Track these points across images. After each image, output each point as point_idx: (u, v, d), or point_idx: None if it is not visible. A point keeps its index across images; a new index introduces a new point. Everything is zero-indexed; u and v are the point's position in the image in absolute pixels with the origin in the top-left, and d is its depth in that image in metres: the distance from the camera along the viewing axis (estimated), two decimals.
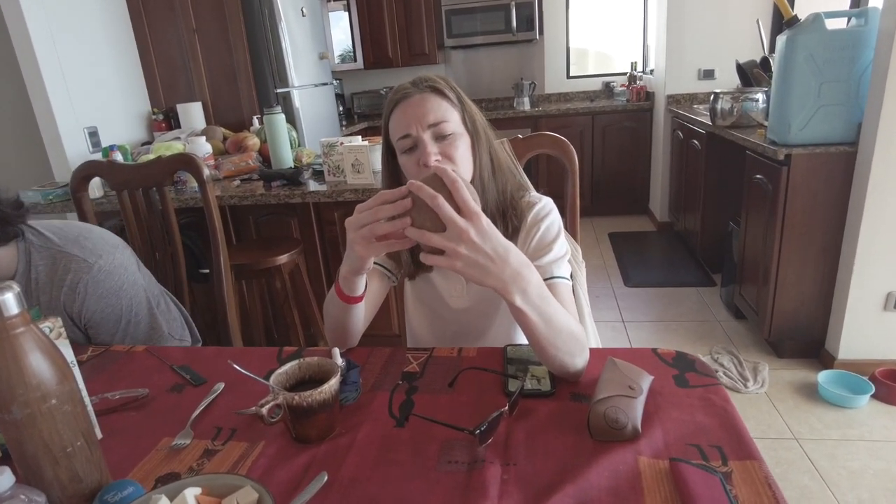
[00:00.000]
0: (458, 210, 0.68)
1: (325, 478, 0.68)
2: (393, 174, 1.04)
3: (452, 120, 0.95)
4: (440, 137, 0.95)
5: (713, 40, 3.85)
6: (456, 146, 0.95)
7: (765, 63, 2.89)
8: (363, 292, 0.93)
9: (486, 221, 0.69)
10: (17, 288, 0.59)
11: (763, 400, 2.15)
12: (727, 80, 3.72)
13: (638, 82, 4.60)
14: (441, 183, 0.69)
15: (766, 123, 2.47)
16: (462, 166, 0.96)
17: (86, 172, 1.57)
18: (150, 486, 0.71)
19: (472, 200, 0.69)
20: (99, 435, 0.81)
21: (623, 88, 4.71)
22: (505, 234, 1.02)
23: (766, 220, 2.34)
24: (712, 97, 2.92)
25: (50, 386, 0.61)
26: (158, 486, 0.66)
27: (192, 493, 0.60)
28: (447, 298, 1.13)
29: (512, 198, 1.05)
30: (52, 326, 0.77)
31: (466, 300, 1.11)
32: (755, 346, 2.55)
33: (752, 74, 2.92)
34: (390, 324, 2.44)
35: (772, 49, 3.14)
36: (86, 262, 1.16)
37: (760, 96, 2.75)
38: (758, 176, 2.41)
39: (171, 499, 0.59)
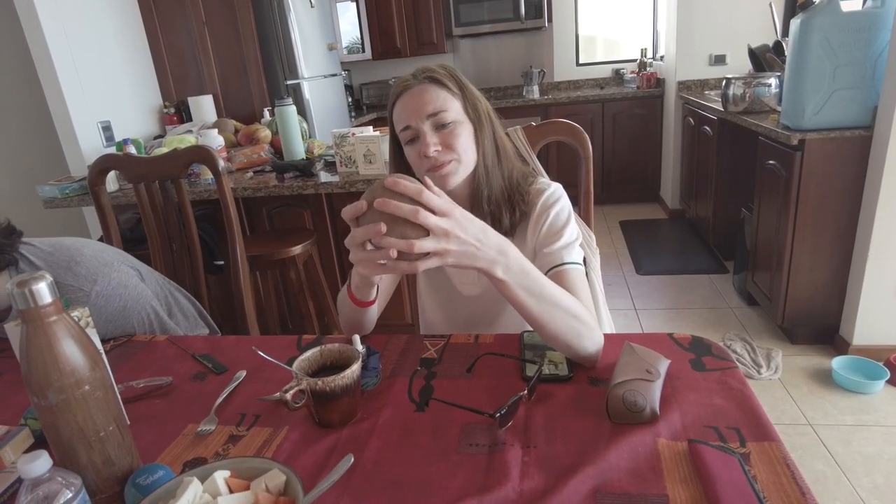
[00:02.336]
0: (432, 212, 0.69)
1: (352, 459, 0.69)
2: (400, 167, 1.05)
3: (452, 109, 0.96)
4: (440, 127, 0.95)
5: (724, 25, 3.80)
6: (456, 135, 0.96)
7: (777, 47, 2.85)
8: (374, 297, 0.96)
9: (459, 211, 0.71)
10: (49, 277, 0.61)
11: (777, 386, 2.15)
12: (739, 65, 3.68)
13: (648, 69, 4.55)
14: (393, 192, 0.68)
15: (778, 109, 2.45)
16: (464, 154, 0.97)
17: (103, 166, 1.59)
18: (178, 470, 0.73)
19: (440, 197, 0.69)
20: (126, 421, 0.83)
21: (633, 75, 4.67)
22: (511, 220, 1.03)
23: (780, 206, 2.32)
24: (724, 83, 2.89)
25: (83, 372, 0.62)
26: (186, 471, 0.68)
27: (221, 476, 0.62)
28: (459, 287, 1.14)
29: (519, 184, 1.05)
30: (81, 316, 0.79)
31: (478, 287, 1.12)
32: (768, 332, 2.54)
33: (764, 59, 2.89)
34: (403, 313, 2.46)
35: (785, 33, 3.10)
36: (81, 290, 1.11)
37: (773, 81, 2.72)
38: (771, 162, 2.39)
39: (202, 481, 0.61)
